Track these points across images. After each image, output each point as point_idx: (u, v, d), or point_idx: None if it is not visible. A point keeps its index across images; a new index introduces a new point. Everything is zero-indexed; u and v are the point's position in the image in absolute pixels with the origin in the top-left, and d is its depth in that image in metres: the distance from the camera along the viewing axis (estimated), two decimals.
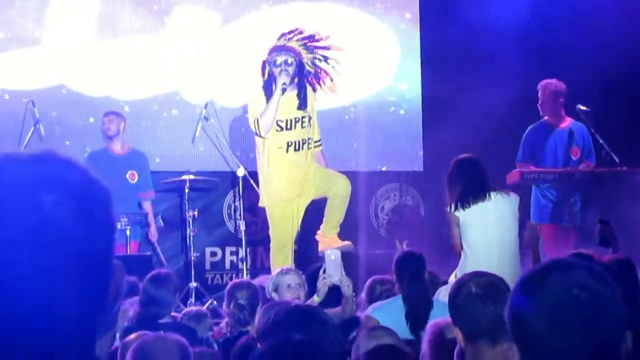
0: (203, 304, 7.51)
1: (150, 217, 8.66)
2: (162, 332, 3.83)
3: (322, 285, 4.99)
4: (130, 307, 5.25)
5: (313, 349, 2.36)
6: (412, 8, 10.31)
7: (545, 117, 8.23)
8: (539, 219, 7.71)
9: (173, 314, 5.49)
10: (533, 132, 8.19)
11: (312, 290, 5.32)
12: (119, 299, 1.42)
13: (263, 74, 7.41)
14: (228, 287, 5.50)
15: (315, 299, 5.01)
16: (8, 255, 1.20)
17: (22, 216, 1.22)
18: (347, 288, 5.04)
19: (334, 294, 5.06)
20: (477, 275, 3.19)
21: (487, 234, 5.94)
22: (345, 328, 4.51)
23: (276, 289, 5.45)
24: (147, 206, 8.69)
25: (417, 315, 4.71)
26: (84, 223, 1.27)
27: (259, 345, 3.06)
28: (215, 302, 7.58)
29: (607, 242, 5.99)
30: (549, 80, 8.17)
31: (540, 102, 8.20)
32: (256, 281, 6.18)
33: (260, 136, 7.35)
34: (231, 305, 5.25)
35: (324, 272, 5.02)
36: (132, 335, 3.71)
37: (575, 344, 1.65)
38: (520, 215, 6.14)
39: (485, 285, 3.06)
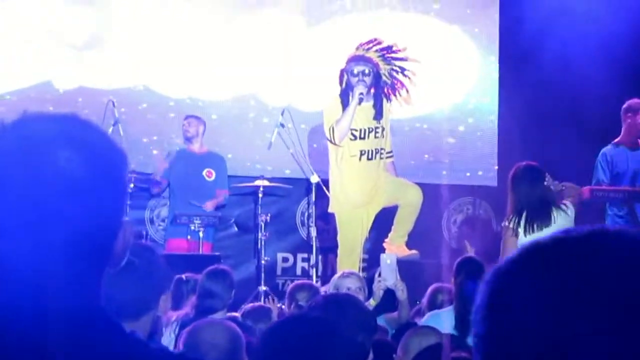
0: None
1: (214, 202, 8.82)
2: None
3: (377, 289, 5.05)
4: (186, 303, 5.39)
5: (326, 326, 2.42)
6: (492, 25, 10.29)
7: (620, 138, 8.06)
8: None
9: (234, 313, 5.59)
10: (609, 154, 8.02)
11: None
12: (125, 256, 1.49)
13: (340, 83, 7.50)
14: (289, 288, 5.59)
15: (371, 302, 5.07)
16: (23, 205, 1.30)
17: (38, 169, 1.32)
18: (401, 292, 5.08)
19: (390, 298, 5.11)
20: None
21: None
22: (401, 333, 4.55)
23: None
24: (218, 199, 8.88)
25: (465, 316, 4.73)
26: (97, 180, 1.36)
27: None
28: (284, 307, 7.69)
29: None
30: (637, 100, 7.97)
31: (625, 120, 7.97)
32: (326, 287, 6.24)
33: (335, 144, 7.44)
34: (292, 307, 5.34)
35: (379, 275, 5.08)
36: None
37: None
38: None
39: None
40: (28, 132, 1.34)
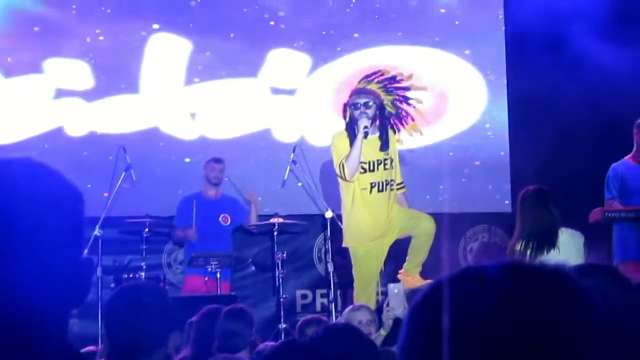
0: None
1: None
2: None
3: (387, 319, 5.05)
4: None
5: (314, 353, 2.45)
6: (500, 54, 10.33)
7: (632, 154, 8.04)
8: (622, 257, 7.56)
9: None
10: (619, 170, 7.99)
11: None
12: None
13: (344, 117, 7.49)
14: (298, 324, 5.59)
15: (382, 333, 5.07)
16: None
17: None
18: None
19: (400, 328, 5.09)
20: None
21: None
22: None
23: None
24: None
25: None
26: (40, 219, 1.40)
27: None
28: None
29: None
30: None
31: (637, 136, 7.93)
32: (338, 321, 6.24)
33: (346, 180, 7.42)
34: None
35: (387, 305, 5.08)
36: None
37: None
38: (588, 253, 6.07)
39: None
40: None
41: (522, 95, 10.05)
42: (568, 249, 5.99)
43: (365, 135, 7.23)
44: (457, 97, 10.14)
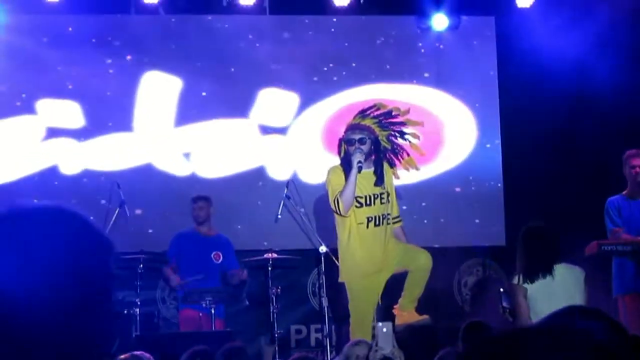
0: None
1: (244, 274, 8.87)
2: None
3: (374, 359, 5.01)
4: None
5: None
6: (491, 87, 10.41)
7: (626, 191, 8.07)
8: (621, 289, 7.59)
9: None
10: (616, 202, 8.02)
11: None
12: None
13: (339, 152, 7.47)
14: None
15: None
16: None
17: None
18: None
19: None
20: None
21: (555, 307, 5.89)
22: None
23: None
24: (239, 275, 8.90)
25: None
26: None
27: None
28: None
29: None
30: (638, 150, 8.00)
31: (628, 171, 7.99)
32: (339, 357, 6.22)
33: (341, 215, 7.39)
34: None
35: (376, 345, 5.04)
36: None
37: None
38: (588, 288, 6.11)
39: None
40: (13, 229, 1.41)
41: (514, 128, 10.12)
42: (567, 283, 6.04)
43: (359, 169, 7.17)
44: (451, 131, 10.19)
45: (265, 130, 9.93)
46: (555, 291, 5.98)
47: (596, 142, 9.38)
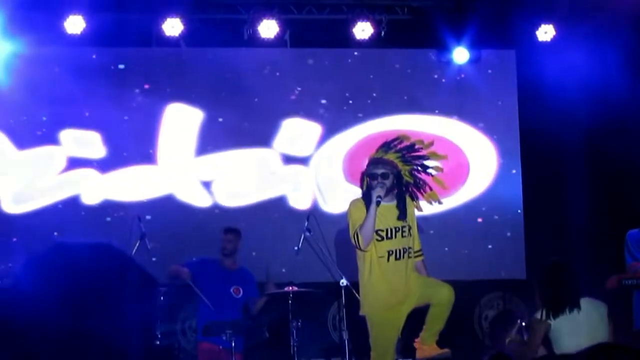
0: None
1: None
2: None
3: None
4: None
5: None
6: (512, 119, 10.41)
7: None
8: None
9: None
10: (637, 235, 7.97)
11: None
12: None
13: (361, 186, 7.43)
14: None
15: None
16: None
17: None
18: None
19: None
20: None
21: (579, 342, 5.88)
22: None
23: None
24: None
25: None
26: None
27: None
28: None
29: None
30: None
31: None
32: None
33: (361, 249, 7.34)
34: None
35: None
36: None
37: None
38: (612, 323, 6.08)
39: None
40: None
41: (534, 158, 10.12)
42: (592, 318, 6.01)
43: (378, 204, 7.10)
44: (473, 163, 10.20)
45: (288, 159, 9.98)
46: (580, 325, 5.96)
47: (617, 173, 9.36)
